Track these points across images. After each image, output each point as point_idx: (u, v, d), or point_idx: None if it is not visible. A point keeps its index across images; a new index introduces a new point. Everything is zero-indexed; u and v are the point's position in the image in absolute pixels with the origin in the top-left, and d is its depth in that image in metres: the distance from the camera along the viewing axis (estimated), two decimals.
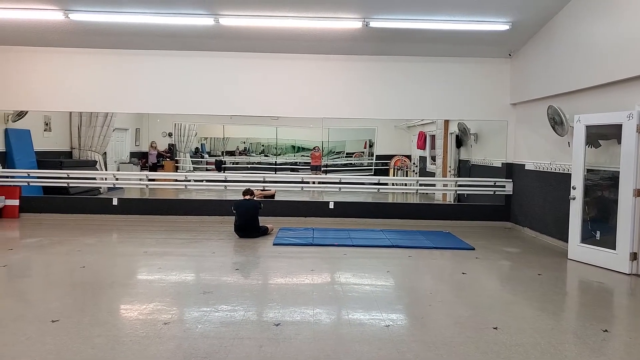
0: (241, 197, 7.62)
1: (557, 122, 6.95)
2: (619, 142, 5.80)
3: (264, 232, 7.57)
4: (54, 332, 3.68)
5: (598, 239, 6.20)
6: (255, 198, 7.75)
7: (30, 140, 10.34)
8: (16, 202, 8.87)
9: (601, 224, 6.26)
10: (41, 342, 3.50)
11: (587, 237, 6.30)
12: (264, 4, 6.93)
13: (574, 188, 6.35)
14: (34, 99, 8.82)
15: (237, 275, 5.45)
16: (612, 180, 6.02)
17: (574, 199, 6.35)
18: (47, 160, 10.39)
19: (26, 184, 9.11)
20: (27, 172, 9.30)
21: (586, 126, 6.21)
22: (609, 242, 5.93)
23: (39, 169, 9.88)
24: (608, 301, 4.98)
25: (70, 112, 11.80)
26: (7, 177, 9.03)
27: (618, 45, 5.83)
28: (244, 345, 3.51)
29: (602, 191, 6.32)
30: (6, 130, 9.69)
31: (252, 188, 7.89)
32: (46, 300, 4.45)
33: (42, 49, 8.67)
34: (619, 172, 5.77)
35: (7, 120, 9.69)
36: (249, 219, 7.42)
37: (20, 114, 9.80)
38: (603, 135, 6.26)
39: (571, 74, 6.79)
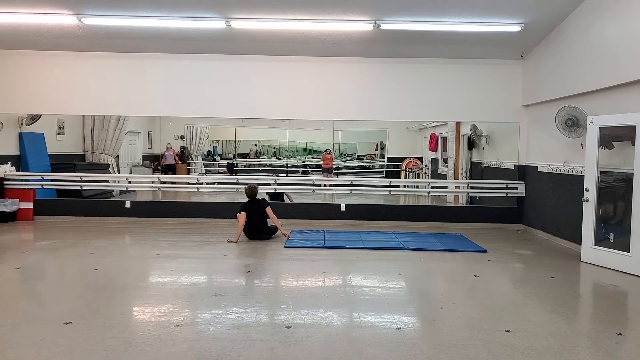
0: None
1: (575, 124, 6.88)
2: (633, 144, 5.73)
3: (273, 231, 7.58)
4: (68, 334, 3.72)
5: (612, 241, 6.12)
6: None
7: (44, 144, 10.49)
8: (30, 205, 8.98)
9: (615, 226, 6.19)
10: (55, 343, 3.54)
11: (600, 240, 6.23)
12: (275, 7, 6.96)
13: (587, 190, 6.29)
14: (47, 102, 8.94)
15: (248, 277, 5.47)
16: (626, 181, 5.96)
17: (587, 201, 6.29)
18: (60, 163, 10.53)
19: (40, 186, 9.23)
20: (41, 175, 9.42)
21: (599, 127, 6.15)
22: (623, 244, 5.86)
23: (52, 172, 10.01)
24: (622, 304, 4.92)
25: (84, 116, 11.95)
26: (21, 180, 9.15)
27: (632, 46, 5.77)
28: (255, 348, 3.51)
29: (616, 193, 6.25)
30: (20, 134, 9.84)
31: (255, 186, 7.66)
32: (60, 302, 4.51)
33: (55, 53, 8.78)
34: (632, 173, 5.70)
35: (22, 123, 9.83)
36: (258, 219, 7.43)
37: (34, 118, 9.94)
38: (617, 137, 6.19)
39: (584, 75, 6.73)
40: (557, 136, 7.44)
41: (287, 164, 16.22)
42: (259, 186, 7.90)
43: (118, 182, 10.43)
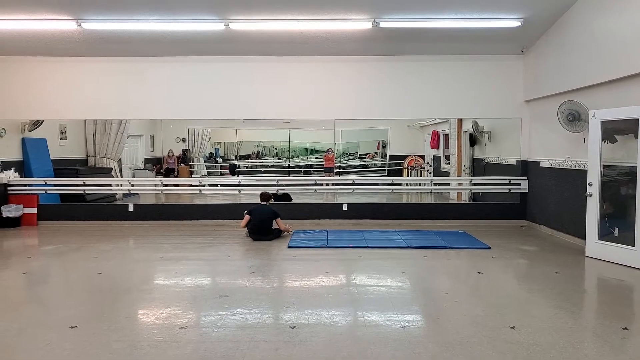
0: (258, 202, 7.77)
1: (576, 118, 6.86)
2: (636, 137, 5.71)
3: (277, 234, 7.61)
4: (73, 337, 3.73)
5: (616, 235, 6.10)
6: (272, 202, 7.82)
7: (46, 149, 10.53)
8: (34, 210, 9.01)
9: (619, 220, 6.16)
10: (60, 347, 3.55)
11: (605, 234, 6.20)
12: (274, 7, 6.96)
13: (590, 184, 6.27)
14: (49, 108, 8.96)
15: (252, 278, 5.47)
16: (629, 175, 5.93)
17: (590, 195, 6.27)
18: (63, 168, 10.57)
19: (43, 192, 9.25)
20: (44, 181, 9.45)
21: (602, 121, 6.13)
22: (628, 238, 5.84)
23: (55, 177, 10.04)
24: (628, 298, 4.89)
25: (85, 120, 12.01)
26: (25, 185, 9.17)
27: (633, 38, 5.74)
28: (260, 349, 3.52)
29: (620, 187, 6.23)
30: (23, 140, 9.88)
31: (268, 192, 7.99)
32: (65, 306, 4.52)
33: (56, 58, 8.80)
34: (636, 167, 5.67)
35: (24, 129, 9.87)
36: (263, 222, 7.48)
37: (37, 123, 9.98)
38: (619, 130, 6.17)
39: (586, 68, 6.71)
40: (559, 131, 7.42)
41: (289, 165, 16.23)
42: (262, 187, 7.99)
43: (121, 185, 10.44)
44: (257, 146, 17.61)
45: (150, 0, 6.80)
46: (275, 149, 17.70)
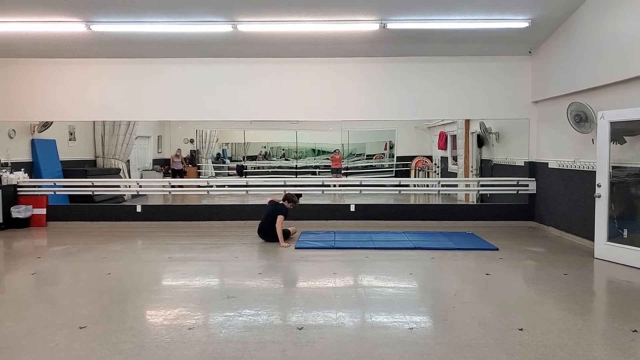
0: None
1: (583, 119, 6.83)
2: None
3: (286, 234, 7.60)
4: (82, 338, 3.76)
5: (625, 237, 6.06)
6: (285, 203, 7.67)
7: (55, 150, 10.60)
8: (43, 211, 9.08)
9: (629, 222, 6.13)
10: (70, 348, 3.57)
11: (614, 236, 6.16)
12: (282, 9, 6.98)
13: (599, 186, 6.23)
14: (58, 109, 9.04)
15: (260, 279, 5.48)
16: (639, 176, 5.89)
17: (599, 196, 6.23)
18: (72, 169, 10.63)
19: (52, 192, 9.32)
20: (53, 182, 9.52)
21: (610, 122, 6.09)
22: (637, 240, 5.80)
23: (64, 178, 10.11)
24: (637, 300, 4.84)
25: (94, 122, 12.06)
26: (34, 186, 9.24)
27: None
28: (267, 350, 3.53)
29: (629, 188, 6.19)
30: (32, 141, 9.96)
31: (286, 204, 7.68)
32: (74, 307, 4.54)
33: (65, 60, 8.88)
34: None
35: (34, 131, 9.95)
36: (269, 221, 7.46)
37: (46, 125, 10.06)
38: (629, 131, 6.13)
39: (594, 69, 6.67)
40: (567, 132, 7.38)
41: (296, 165, 16.24)
42: (269, 188, 7.99)
43: (129, 186, 10.49)
44: (265, 147, 17.63)
45: (159, 3, 6.84)
46: (283, 149, 17.69)
